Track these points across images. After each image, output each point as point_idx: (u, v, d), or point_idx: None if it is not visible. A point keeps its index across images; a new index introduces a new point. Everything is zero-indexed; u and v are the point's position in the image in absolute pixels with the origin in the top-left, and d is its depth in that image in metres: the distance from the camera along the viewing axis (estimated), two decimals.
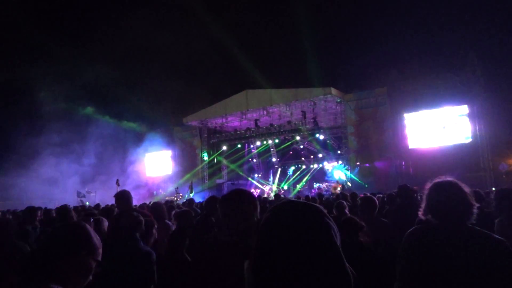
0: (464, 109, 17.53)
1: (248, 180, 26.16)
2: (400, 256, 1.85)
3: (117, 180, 20.36)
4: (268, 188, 25.15)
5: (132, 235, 2.65)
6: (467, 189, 1.85)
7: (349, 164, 19.74)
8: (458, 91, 17.41)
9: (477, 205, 1.80)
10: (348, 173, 19.72)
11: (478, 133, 17.10)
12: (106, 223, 3.34)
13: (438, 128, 18.06)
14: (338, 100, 20.04)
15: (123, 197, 3.83)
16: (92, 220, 3.20)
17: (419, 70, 18.15)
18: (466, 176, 15.59)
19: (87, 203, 18.47)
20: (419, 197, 4.78)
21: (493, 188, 12.09)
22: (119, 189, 19.26)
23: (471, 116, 17.28)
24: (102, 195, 19.68)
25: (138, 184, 26.62)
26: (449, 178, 1.92)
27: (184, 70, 31.16)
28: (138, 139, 27.18)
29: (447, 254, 1.69)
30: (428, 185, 1.94)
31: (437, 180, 1.93)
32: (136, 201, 18.09)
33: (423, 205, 1.92)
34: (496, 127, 16.64)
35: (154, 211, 4.18)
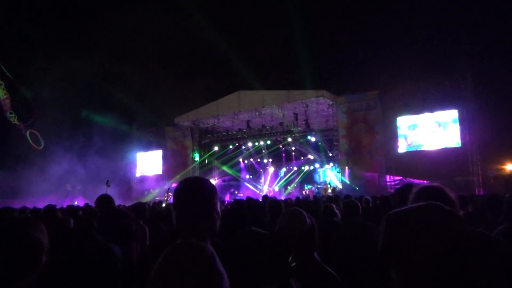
0: (454, 113, 17.70)
1: (239, 181, 26.14)
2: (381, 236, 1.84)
3: (107, 181, 20.16)
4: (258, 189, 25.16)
5: (89, 230, 2.59)
6: (452, 195, 1.84)
7: (340, 166, 19.82)
8: (448, 95, 17.58)
9: (462, 212, 1.79)
10: (339, 175, 19.80)
11: (467, 137, 17.27)
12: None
13: (428, 132, 18.21)
14: (330, 103, 20.11)
15: (102, 201, 3.80)
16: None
17: (411, 74, 18.28)
18: (455, 180, 15.77)
19: (76, 202, 18.29)
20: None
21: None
22: (109, 190, 19.11)
23: (461, 120, 17.46)
24: (93, 196, 19.48)
25: (129, 184, 26.46)
26: (435, 184, 1.91)
27: (176, 70, 31.04)
28: (129, 139, 27.03)
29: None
30: (414, 190, 1.93)
31: (422, 185, 1.92)
32: (127, 201, 18.01)
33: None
34: (485, 132, 16.82)
35: (135, 212, 4.16)
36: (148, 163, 27.30)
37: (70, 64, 24.34)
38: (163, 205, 11.59)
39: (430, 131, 18.16)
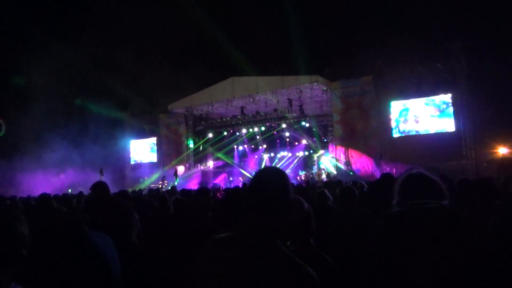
0: (448, 98, 17.74)
1: (234, 167, 26.17)
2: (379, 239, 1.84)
3: (101, 170, 20.11)
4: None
5: (75, 222, 2.50)
6: (439, 180, 1.86)
7: (334, 152, 19.88)
8: (442, 80, 17.59)
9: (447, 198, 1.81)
10: (334, 160, 19.88)
11: (461, 122, 17.36)
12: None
13: (422, 116, 18.26)
14: (324, 88, 20.05)
15: (97, 187, 3.75)
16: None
17: (405, 59, 18.23)
18: (449, 164, 15.89)
19: (69, 190, 18.26)
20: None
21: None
22: (102, 178, 19.13)
23: (454, 105, 17.51)
24: (87, 184, 19.41)
25: (122, 172, 26.41)
26: (421, 170, 1.92)
27: (169, 57, 30.65)
28: (123, 127, 26.87)
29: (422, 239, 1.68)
30: (401, 176, 1.94)
31: (410, 171, 1.92)
32: (120, 188, 17.97)
33: (396, 196, 1.91)
34: (478, 116, 16.91)
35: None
36: (142, 150, 27.23)
37: (63, 51, 23.98)
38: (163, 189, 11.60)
39: (424, 115, 18.21)
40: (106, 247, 2.46)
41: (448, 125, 17.73)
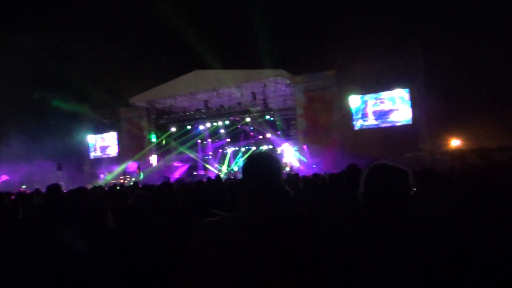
0: (406, 92, 18.44)
1: (197, 161, 25.95)
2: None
3: (59, 165, 19.32)
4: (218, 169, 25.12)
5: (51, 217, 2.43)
6: (406, 171, 1.87)
7: (298, 145, 20.17)
8: (401, 75, 18.26)
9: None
10: (297, 153, 20.17)
11: (417, 115, 18.12)
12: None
13: (382, 109, 18.89)
14: (288, 82, 20.24)
15: (51, 190, 3.61)
16: None
17: (365, 54, 18.74)
18: (407, 156, 16.56)
19: (23, 186, 17.43)
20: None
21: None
22: (60, 174, 18.35)
23: (412, 99, 18.24)
24: (43, 180, 18.61)
25: (81, 167, 25.51)
26: (388, 161, 1.94)
27: (131, 49, 29.76)
28: (82, 120, 25.88)
29: (378, 236, 1.69)
30: (367, 168, 1.96)
31: (376, 162, 1.94)
32: (79, 185, 17.34)
33: (360, 189, 1.91)
34: (434, 110, 17.71)
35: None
36: (103, 145, 26.41)
37: (19, 42, 22.66)
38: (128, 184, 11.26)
39: (383, 108, 18.84)
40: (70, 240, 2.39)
41: (405, 118, 18.45)
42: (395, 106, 18.61)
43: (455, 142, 18.38)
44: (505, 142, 17.28)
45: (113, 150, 25.93)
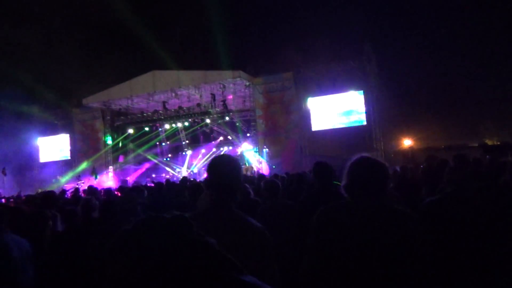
0: (360, 93, 19.10)
1: (156, 164, 25.42)
2: (312, 233, 1.89)
3: (3, 169, 18.21)
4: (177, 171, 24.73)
5: None
6: (385, 163, 1.96)
7: (257, 146, 20.29)
8: (356, 77, 18.90)
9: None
10: (257, 155, 20.29)
11: (371, 116, 18.83)
12: None
13: (337, 111, 19.43)
14: (247, 84, 20.31)
15: None
16: None
17: (322, 57, 19.25)
18: None
19: None
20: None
21: None
22: (6, 179, 17.22)
23: (366, 100, 18.92)
24: None
25: (30, 171, 24.16)
26: (368, 155, 2.01)
27: (85, 47, 28.62)
28: (31, 121, 24.46)
29: (359, 231, 1.74)
30: (350, 161, 2.00)
31: (358, 156, 2.00)
32: (28, 189, 16.42)
33: (343, 181, 1.97)
34: (386, 111, 18.51)
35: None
36: (54, 147, 25.15)
37: None
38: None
39: (339, 110, 19.40)
40: (16, 249, 2.32)
41: (360, 119, 19.11)
42: (350, 107, 19.22)
43: (407, 142, 19.29)
44: (452, 142, 18.38)
45: (65, 153, 24.80)
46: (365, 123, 18.99)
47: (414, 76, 18.36)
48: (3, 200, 10.62)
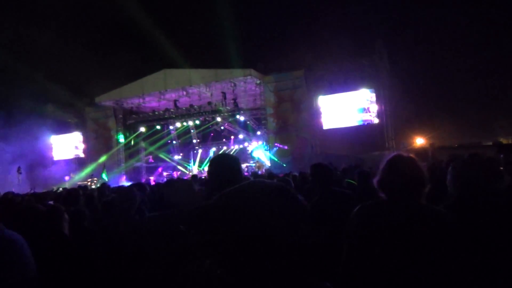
0: (373, 92, 18.90)
1: (168, 162, 25.58)
2: (351, 230, 1.87)
3: (19, 168, 18.51)
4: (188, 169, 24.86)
5: None
6: (423, 166, 1.95)
7: (268, 144, 20.27)
8: (367, 75, 18.69)
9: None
10: (268, 153, 20.26)
11: (383, 114, 18.62)
12: None
13: (349, 109, 19.26)
14: (258, 82, 20.28)
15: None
16: None
17: (333, 54, 19.08)
18: (374, 154, 16.99)
19: None
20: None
21: None
22: (20, 177, 17.49)
23: (377, 98, 18.71)
24: (2, 184, 17.76)
25: (44, 169, 24.53)
26: (406, 154, 1.99)
27: (97, 46, 28.93)
28: (45, 120, 24.81)
29: (396, 230, 1.74)
30: (385, 159, 1.99)
31: (395, 153, 2.01)
32: (42, 187, 16.67)
33: (379, 178, 1.96)
34: (399, 108, 18.29)
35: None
36: (67, 145, 25.50)
37: None
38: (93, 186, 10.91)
39: (351, 108, 19.22)
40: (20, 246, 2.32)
41: (372, 118, 18.92)
42: (362, 106, 19.03)
43: (419, 141, 19.03)
44: (465, 140, 18.08)
45: (78, 151, 25.13)
46: (377, 121, 18.80)
47: (427, 73, 18.10)
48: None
